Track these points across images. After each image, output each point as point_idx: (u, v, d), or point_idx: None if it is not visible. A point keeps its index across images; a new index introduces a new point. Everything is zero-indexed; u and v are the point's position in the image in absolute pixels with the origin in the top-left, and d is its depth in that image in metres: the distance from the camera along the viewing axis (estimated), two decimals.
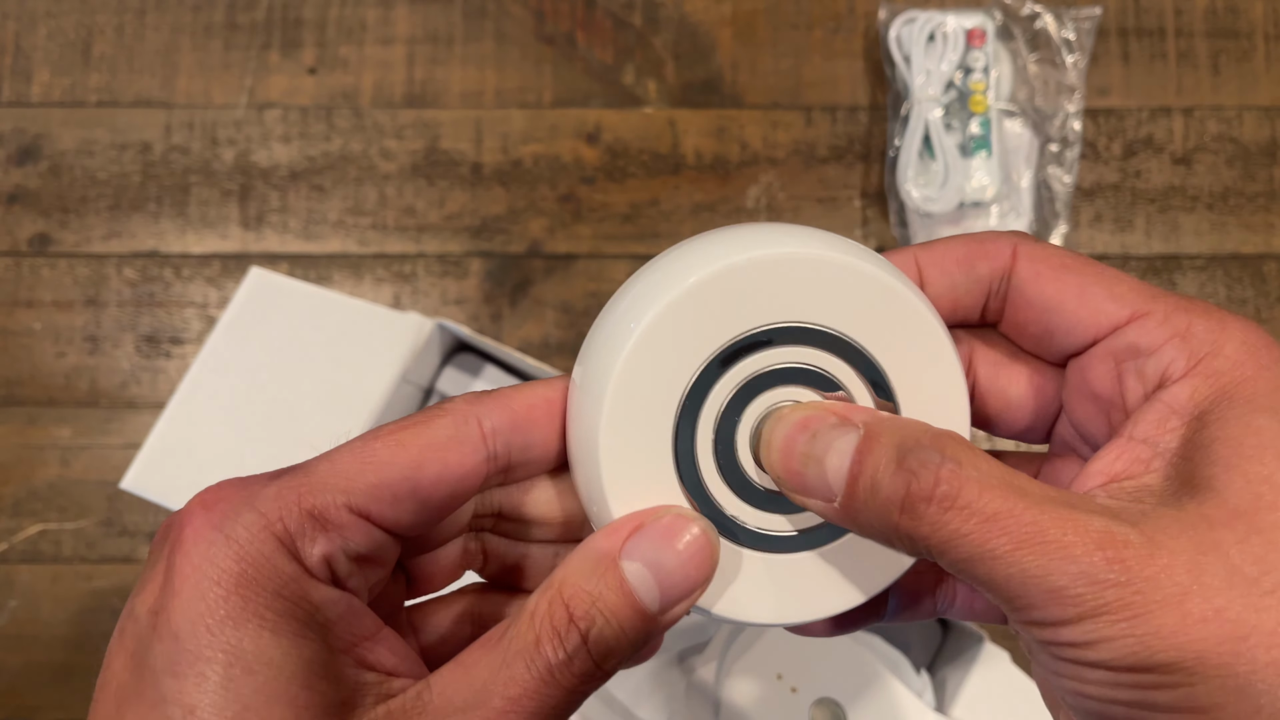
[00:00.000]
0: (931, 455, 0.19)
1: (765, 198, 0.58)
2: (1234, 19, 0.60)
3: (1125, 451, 0.21)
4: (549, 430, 0.23)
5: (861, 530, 0.21)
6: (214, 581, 0.19)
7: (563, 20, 0.60)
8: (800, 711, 0.42)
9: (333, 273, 0.58)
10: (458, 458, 0.22)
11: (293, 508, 0.20)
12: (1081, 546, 0.19)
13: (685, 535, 0.21)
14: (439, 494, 0.22)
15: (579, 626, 0.20)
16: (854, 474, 0.20)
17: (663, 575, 0.21)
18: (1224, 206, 0.58)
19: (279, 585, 0.19)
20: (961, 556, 0.19)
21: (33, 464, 0.56)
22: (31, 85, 0.60)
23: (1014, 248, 0.23)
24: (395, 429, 0.22)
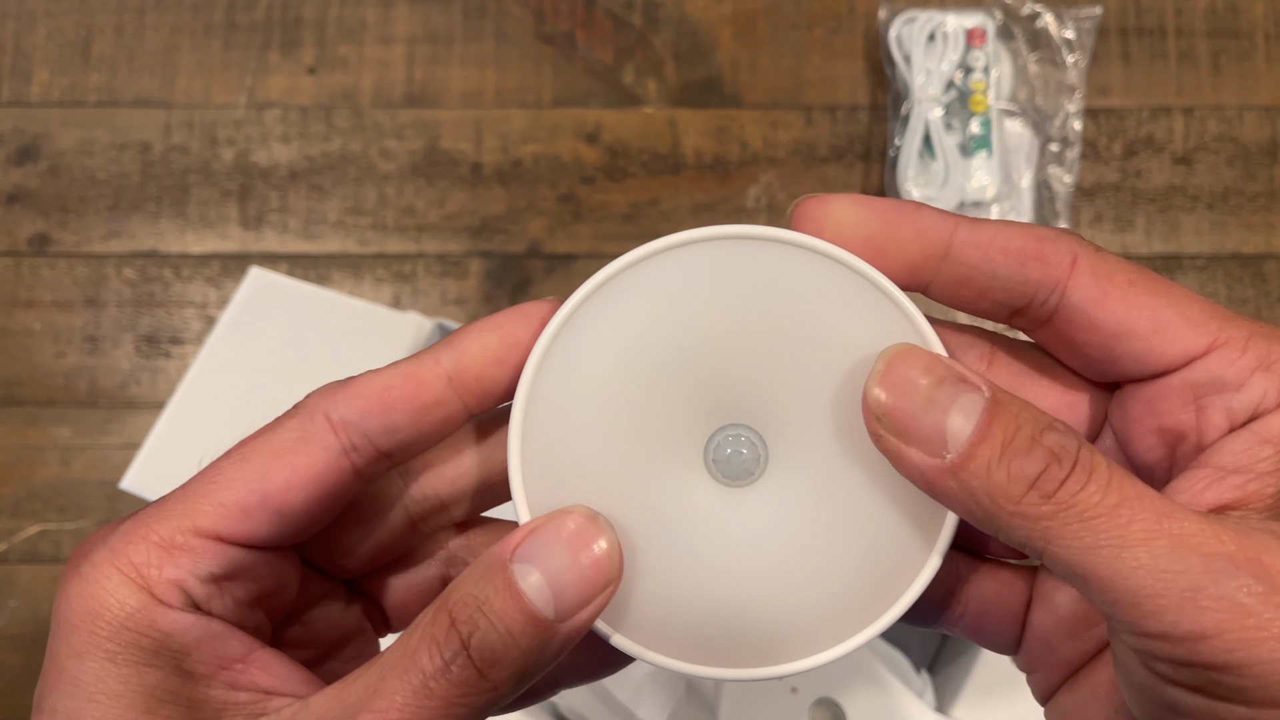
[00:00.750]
0: (1070, 438, 0.18)
1: (765, 198, 0.58)
2: (1234, 18, 0.59)
3: (1215, 481, 0.20)
4: (411, 408, 0.21)
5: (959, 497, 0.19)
6: (65, 620, 0.19)
7: (563, 20, 0.60)
8: (800, 712, 0.42)
9: (332, 273, 0.58)
10: (305, 460, 0.21)
11: (139, 541, 0.20)
12: (1221, 544, 0.17)
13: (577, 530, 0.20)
14: (293, 500, 0.21)
15: (460, 631, 0.19)
16: (981, 435, 0.18)
17: (555, 576, 0.19)
18: (1224, 206, 0.58)
19: (123, 617, 0.19)
20: (1085, 544, 0.18)
21: (32, 464, 0.56)
22: (31, 85, 0.60)
23: (1074, 259, 0.21)
24: (245, 441, 0.21)
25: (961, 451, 0.19)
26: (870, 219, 0.21)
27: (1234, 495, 0.19)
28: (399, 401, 0.21)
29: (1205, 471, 0.20)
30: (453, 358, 0.21)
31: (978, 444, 0.18)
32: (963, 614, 0.24)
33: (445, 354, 0.21)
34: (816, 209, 0.21)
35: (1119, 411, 0.22)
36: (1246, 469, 0.19)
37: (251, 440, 0.21)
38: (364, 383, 0.21)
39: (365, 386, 0.21)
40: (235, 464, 0.21)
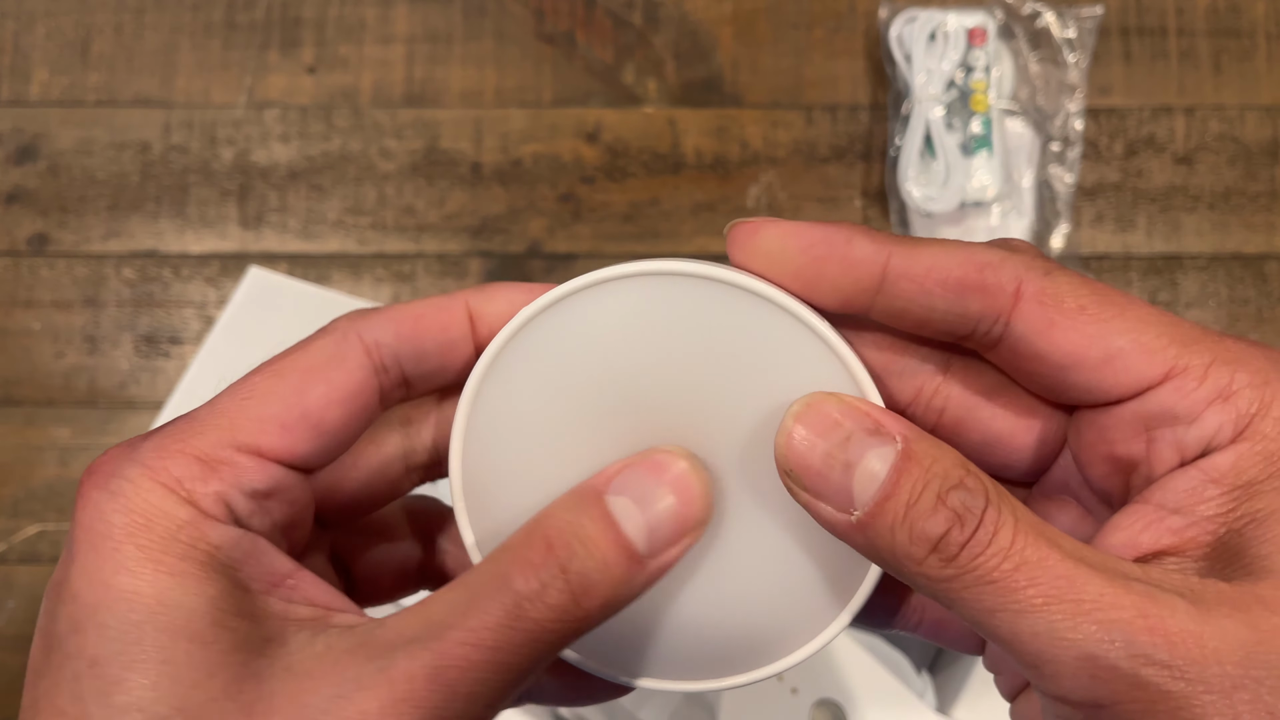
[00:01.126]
0: (977, 497, 0.18)
1: (766, 197, 0.58)
2: (1235, 18, 0.59)
3: (1154, 521, 0.19)
4: (442, 338, 0.22)
5: (867, 551, 0.19)
6: (104, 536, 0.18)
7: (562, 19, 0.60)
8: (800, 712, 0.42)
9: (332, 272, 0.58)
10: (342, 376, 0.21)
11: (176, 454, 0.19)
12: (1120, 610, 0.17)
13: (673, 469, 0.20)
14: (331, 416, 0.21)
15: (557, 555, 0.18)
16: (886, 494, 0.18)
17: (650, 511, 0.19)
18: (1226, 206, 0.58)
19: (173, 530, 0.19)
20: (985, 607, 0.17)
21: (31, 464, 0.56)
22: (30, 84, 0.60)
23: (1018, 286, 0.19)
24: (274, 359, 0.21)
25: (867, 509, 0.18)
26: (797, 253, 0.20)
27: (1170, 541, 0.19)
28: (431, 330, 0.22)
29: (1147, 509, 0.19)
30: (479, 303, 0.22)
31: (881, 504, 0.18)
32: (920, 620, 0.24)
33: (474, 298, 0.22)
34: (747, 238, 0.21)
35: (1075, 434, 0.21)
36: (1188, 510, 0.19)
37: (283, 358, 0.21)
38: (397, 309, 0.22)
39: (399, 312, 0.22)
40: (270, 379, 0.20)
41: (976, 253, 0.20)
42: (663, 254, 0.59)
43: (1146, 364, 0.19)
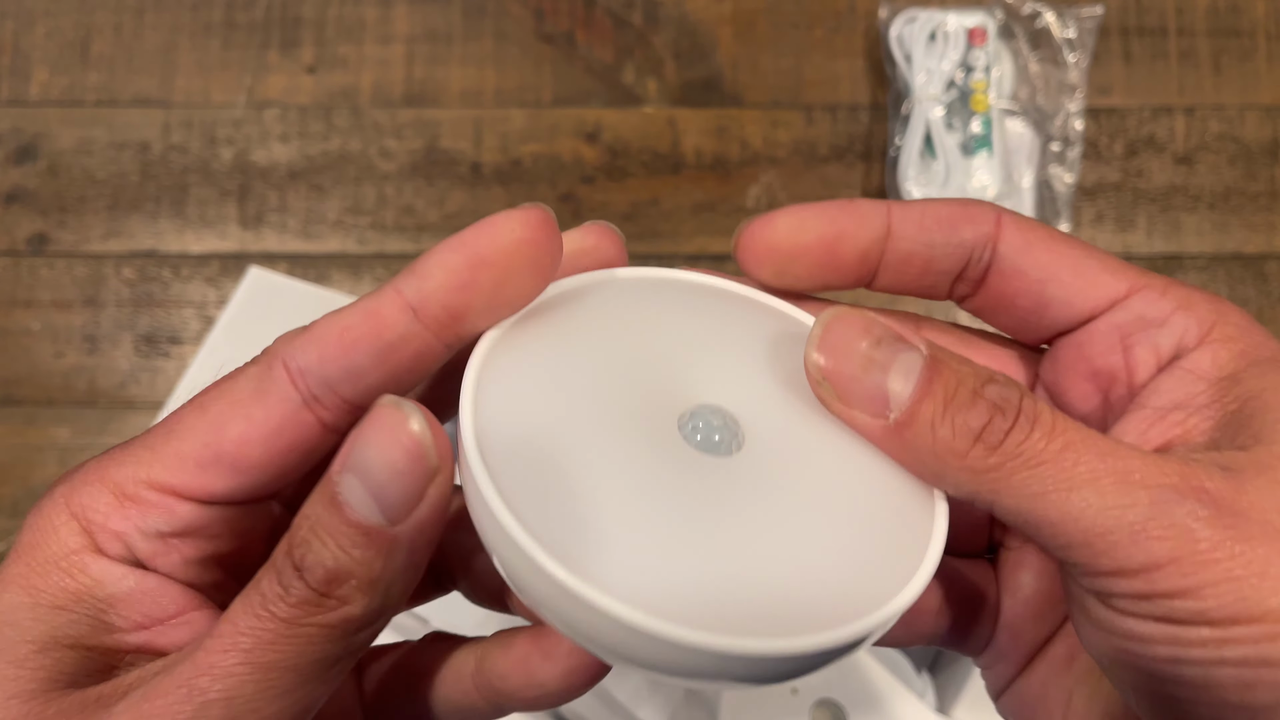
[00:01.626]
0: (1011, 390, 0.18)
1: (766, 197, 0.58)
2: (1235, 18, 0.59)
3: (1155, 421, 0.20)
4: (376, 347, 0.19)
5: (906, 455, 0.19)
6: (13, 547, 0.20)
7: (562, 19, 0.60)
8: (801, 713, 0.42)
9: (332, 272, 0.58)
10: (262, 412, 0.19)
11: (94, 484, 0.19)
12: (1166, 477, 0.17)
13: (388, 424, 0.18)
14: (251, 454, 0.19)
15: (294, 555, 0.18)
16: (922, 393, 0.18)
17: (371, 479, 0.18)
18: (1226, 206, 0.58)
19: (57, 557, 0.19)
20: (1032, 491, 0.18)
21: (31, 464, 0.56)
22: (30, 84, 0.60)
23: (998, 215, 0.22)
24: (208, 389, 0.20)
25: (904, 410, 0.19)
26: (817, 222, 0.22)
27: (1176, 432, 0.20)
28: (360, 342, 0.19)
29: (1145, 412, 0.20)
30: (415, 285, 0.19)
31: (919, 401, 0.19)
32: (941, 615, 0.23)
33: (407, 283, 0.19)
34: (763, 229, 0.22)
35: (1050, 365, 0.22)
36: (1183, 405, 0.20)
37: (213, 388, 0.20)
38: (322, 325, 0.20)
39: (323, 329, 0.20)
40: (194, 413, 0.20)
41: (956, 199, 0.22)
42: (663, 254, 0.59)
43: (1113, 280, 0.21)
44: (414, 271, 0.19)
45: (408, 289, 0.19)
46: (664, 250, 0.57)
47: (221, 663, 0.18)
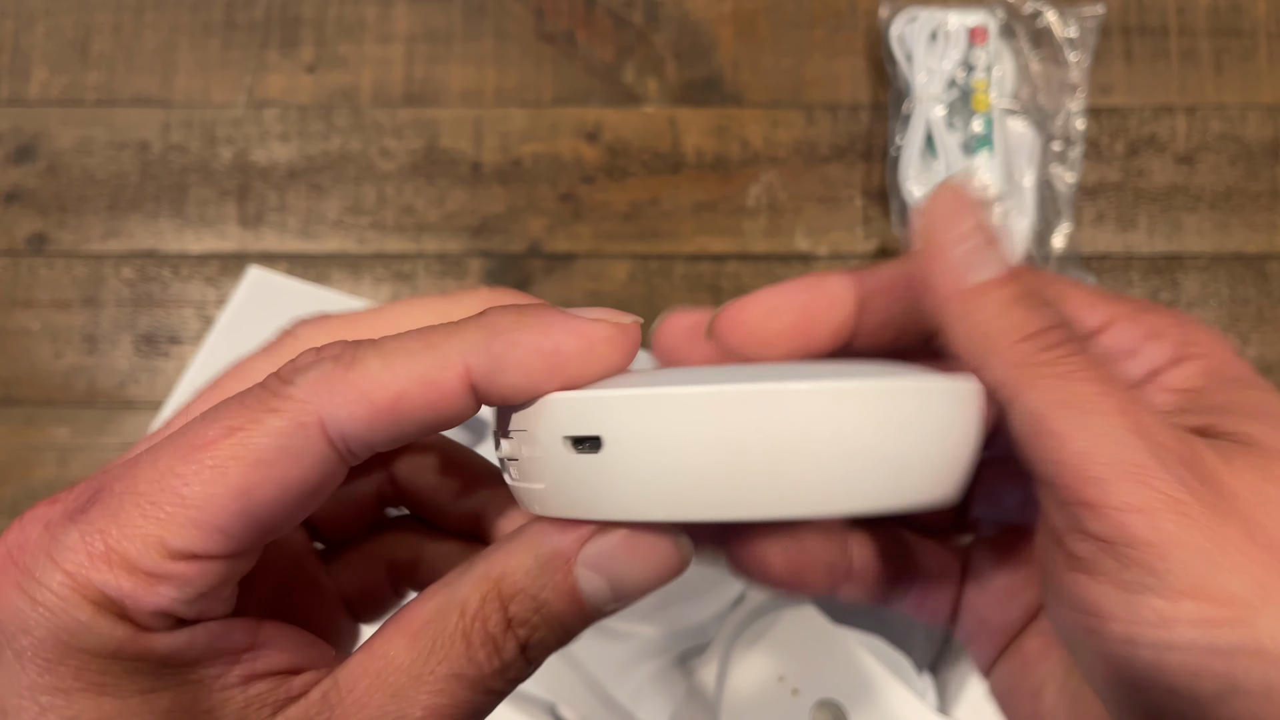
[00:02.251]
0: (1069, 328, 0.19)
1: (766, 197, 0.58)
2: (1237, 17, 0.59)
3: None
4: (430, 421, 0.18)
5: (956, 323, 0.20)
6: (32, 653, 0.17)
7: (562, 18, 0.60)
8: (802, 713, 0.42)
9: (331, 272, 0.57)
10: (297, 474, 0.18)
11: (102, 564, 0.17)
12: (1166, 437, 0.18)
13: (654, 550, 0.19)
14: (281, 516, 0.18)
15: (518, 635, 0.18)
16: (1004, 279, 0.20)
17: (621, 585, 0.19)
18: (1227, 206, 0.57)
19: (112, 649, 0.17)
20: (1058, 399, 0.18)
21: (30, 464, 0.56)
22: (29, 84, 0.60)
23: None
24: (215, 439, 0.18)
25: (982, 282, 0.20)
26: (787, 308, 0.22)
27: None
28: (414, 413, 0.18)
29: None
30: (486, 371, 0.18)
31: (998, 284, 0.20)
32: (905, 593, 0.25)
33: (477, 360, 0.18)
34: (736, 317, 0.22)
35: None
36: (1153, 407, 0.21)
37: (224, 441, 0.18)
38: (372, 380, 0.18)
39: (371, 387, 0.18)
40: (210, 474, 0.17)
41: None
42: (663, 254, 0.59)
43: (1090, 315, 0.21)
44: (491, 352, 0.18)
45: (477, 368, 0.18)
46: (664, 250, 0.57)
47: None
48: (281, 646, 0.19)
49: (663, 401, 0.18)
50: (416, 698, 0.18)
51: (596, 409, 0.18)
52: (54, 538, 0.17)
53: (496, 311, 0.19)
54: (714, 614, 0.45)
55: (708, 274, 0.57)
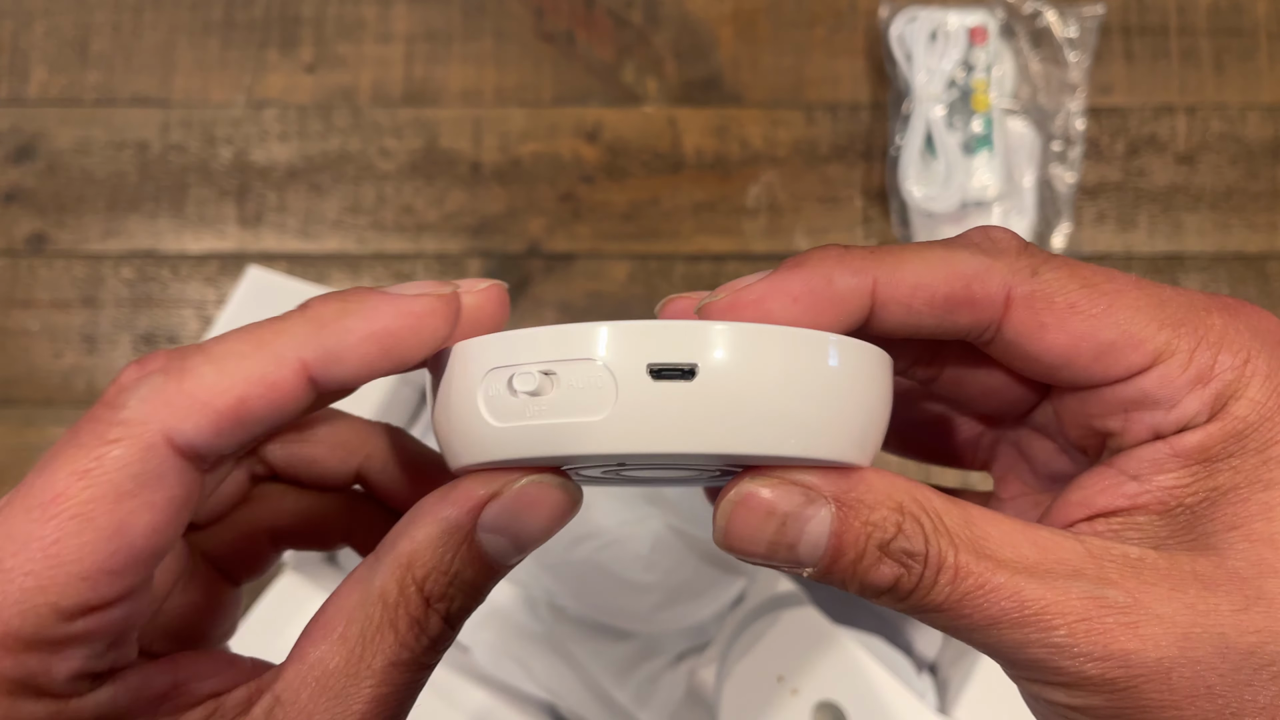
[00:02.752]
0: (916, 541, 0.18)
1: (766, 197, 0.58)
2: (1237, 17, 0.59)
3: (1111, 485, 0.20)
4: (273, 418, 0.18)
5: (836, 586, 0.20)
6: None
7: (562, 18, 0.60)
8: (801, 714, 0.42)
9: (331, 272, 0.57)
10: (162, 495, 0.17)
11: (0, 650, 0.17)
12: (1062, 618, 0.18)
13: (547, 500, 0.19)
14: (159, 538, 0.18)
15: (438, 609, 0.19)
16: (831, 559, 0.19)
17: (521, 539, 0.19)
18: (1227, 205, 0.57)
19: None
20: (942, 626, 0.19)
21: (29, 465, 0.56)
22: (28, 83, 0.60)
23: (1007, 292, 0.20)
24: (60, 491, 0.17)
25: (820, 566, 0.19)
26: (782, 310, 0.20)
27: (1123, 504, 0.20)
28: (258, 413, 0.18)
29: (1109, 473, 0.20)
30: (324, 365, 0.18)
31: (830, 565, 0.19)
32: None
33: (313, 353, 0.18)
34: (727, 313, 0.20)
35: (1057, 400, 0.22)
36: (1145, 478, 0.20)
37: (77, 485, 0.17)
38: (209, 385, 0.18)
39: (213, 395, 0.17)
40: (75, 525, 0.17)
41: (960, 262, 0.20)
42: (663, 254, 0.59)
43: (1135, 354, 0.19)
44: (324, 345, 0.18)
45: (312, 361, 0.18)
46: (664, 250, 0.57)
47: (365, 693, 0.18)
48: (202, 674, 0.19)
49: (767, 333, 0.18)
50: (359, 693, 0.18)
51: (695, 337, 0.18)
52: None
53: (318, 302, 0.19)
54: (714, 614, 0.45)
55: (708, 274, 0.57)
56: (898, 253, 0.20)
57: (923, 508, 0.19)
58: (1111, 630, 0.18)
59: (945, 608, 0.18)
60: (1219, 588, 0.18)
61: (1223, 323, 0.19)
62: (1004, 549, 0.19)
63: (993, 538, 0.19)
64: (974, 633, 0.19)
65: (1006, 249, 0.20)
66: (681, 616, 0.45)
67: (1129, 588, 0.18)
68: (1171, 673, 0.18)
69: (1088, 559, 0.19)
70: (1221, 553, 0.18)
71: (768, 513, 0.19)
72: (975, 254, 0.20)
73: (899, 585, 0.19)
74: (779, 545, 0.19)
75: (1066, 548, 0.19)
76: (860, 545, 0.19)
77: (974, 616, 0.18)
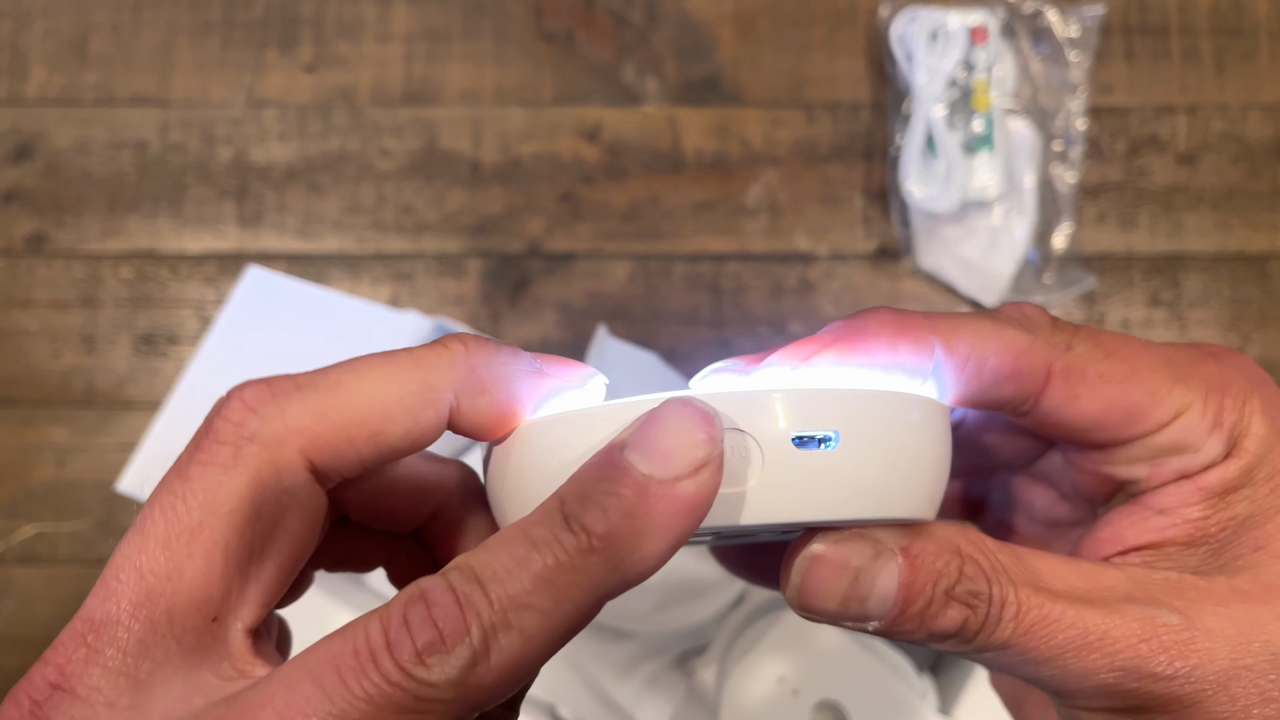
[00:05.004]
0: (979, 583, 0.20)
1: (766, 197, 0.58)
2: (1238, 16, 0.59)
3: (1139, 520, 0.22)
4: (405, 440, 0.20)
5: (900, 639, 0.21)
6: None
7: (562, 17, 0.60)
8: (802, 714, 0.42)
9: (330, 272, 0.57)
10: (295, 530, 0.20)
11: None
12: (1121, 640, 0.19)
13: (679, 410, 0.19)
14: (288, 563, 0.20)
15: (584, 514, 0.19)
16: (900, 609, 0.20)
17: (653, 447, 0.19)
18: (1228, 205, 0.57)
19: None
20: (1007, 664, 0.20)
21: (28, 465, 0.56)
22: (27, 83, 0.60)
23: (1049, 369, 0.21)
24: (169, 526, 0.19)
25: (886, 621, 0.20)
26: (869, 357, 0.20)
27: (1154, 537, 0.21)
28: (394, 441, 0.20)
29: (1135, 509, 0.22)
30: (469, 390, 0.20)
31: (898, 617, 0.20)
32: None
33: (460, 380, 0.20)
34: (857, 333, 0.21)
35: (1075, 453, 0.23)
36: (1172, 512, 0.21)
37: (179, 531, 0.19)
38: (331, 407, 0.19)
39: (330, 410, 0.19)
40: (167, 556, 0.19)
41: (1008, 337, 0.21)
42: (663, 254, 0.59)
43: (1159, 410, 0.21)
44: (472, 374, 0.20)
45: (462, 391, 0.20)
46: (664, 249, 0.57)
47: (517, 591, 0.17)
48: None
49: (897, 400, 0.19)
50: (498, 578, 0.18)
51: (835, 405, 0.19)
52: None
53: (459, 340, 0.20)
54: (714, 615, 0.45)
55: (707, 274, 0.57)
56: (952, 322, 0.21)
57: (979, 549, 0.20)
58: (1171, 649, 0.19)
59: (1011, 643, 0.19)
60: (1258, 600, 0.20)
61: (1218, 369, 0.22)
62: (1056, 582, 0.20)
63: (1044, 572, 0.20)
64: (1039, 666, 0.19)
65: (1041, 325, 0.22)
66: (682, 616, 0.44)
67: (1178, 606, 0.20)
68: (1231, 684, 0.19)
69: (1133, 585, 0.20)
70: (1252, 570, 0.20)
71: (841, 568, 0.20)
72: (1019, 329, 0.21)
73: (966, 626, 0.19)
74: (851, 600, 0.20)
75: (1111, 575, 0.20)
76: (927, 593, 0.19)
77: (1040, 649, 0.19)
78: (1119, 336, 0.22)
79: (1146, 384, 0.21)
